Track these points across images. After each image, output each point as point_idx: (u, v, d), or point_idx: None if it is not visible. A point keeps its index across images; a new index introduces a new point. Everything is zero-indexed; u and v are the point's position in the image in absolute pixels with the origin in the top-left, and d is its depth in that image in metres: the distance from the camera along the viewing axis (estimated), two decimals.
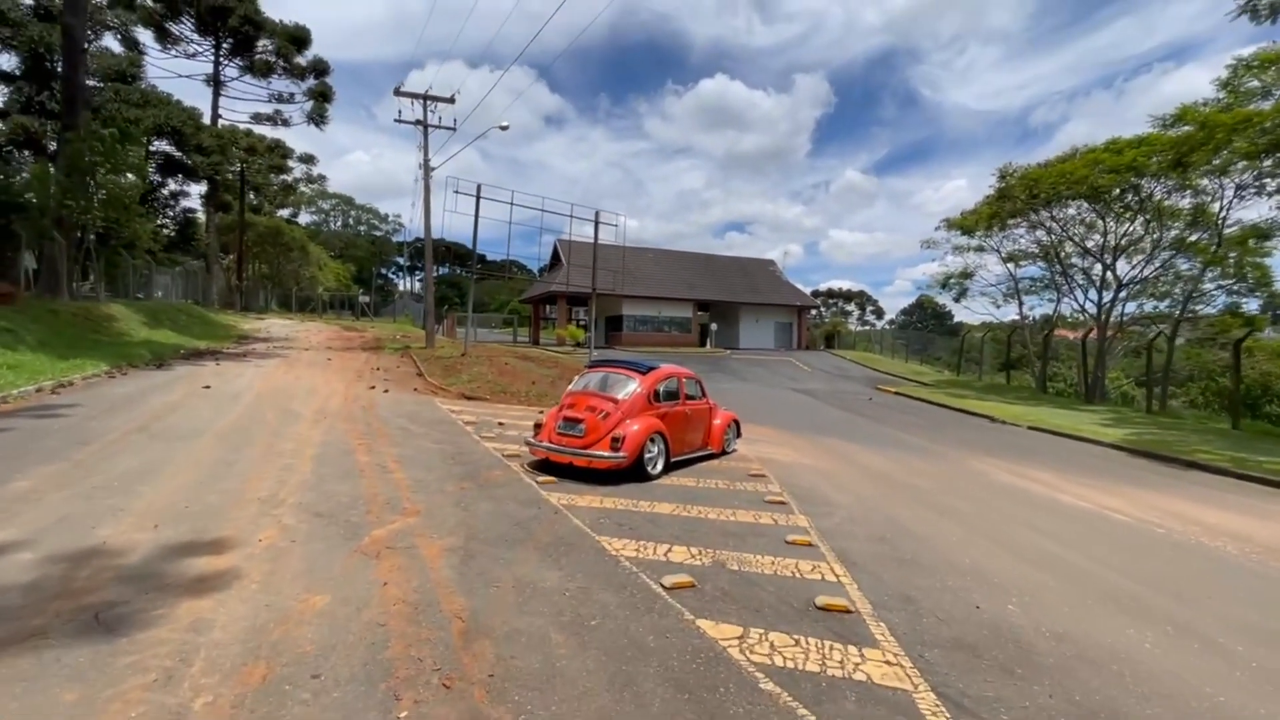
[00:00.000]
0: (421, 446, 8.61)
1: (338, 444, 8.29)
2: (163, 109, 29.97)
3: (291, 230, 54.51)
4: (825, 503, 7.11)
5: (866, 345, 46.69)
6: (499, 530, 5.34)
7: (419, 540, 4.92)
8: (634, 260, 40.89)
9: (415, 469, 7.31)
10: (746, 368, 28.12)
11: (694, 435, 8.98)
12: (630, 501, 6.59)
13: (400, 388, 15.00)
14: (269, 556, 4.39)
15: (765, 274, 45.21)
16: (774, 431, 12.95)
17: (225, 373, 14.51)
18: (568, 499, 6.51)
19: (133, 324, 19.73)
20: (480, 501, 6.18)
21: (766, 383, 23.42)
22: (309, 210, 79.85)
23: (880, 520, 6.52)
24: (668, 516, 6.14)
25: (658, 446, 7.91)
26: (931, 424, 15.57)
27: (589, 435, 7.56)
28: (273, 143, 46.09)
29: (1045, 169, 21.95)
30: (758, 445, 10.85)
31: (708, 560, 4.96)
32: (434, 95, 22.64)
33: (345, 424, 9.82)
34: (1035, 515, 7.21)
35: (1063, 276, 26.73)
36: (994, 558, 5.53)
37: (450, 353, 20.89)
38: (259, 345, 22.06)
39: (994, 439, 13.59)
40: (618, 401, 7.84)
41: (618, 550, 5.03)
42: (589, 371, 8.77)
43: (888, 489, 8.10)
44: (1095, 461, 11.43)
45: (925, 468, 9.79)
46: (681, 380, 8.79)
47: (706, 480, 7.85)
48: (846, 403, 19.04)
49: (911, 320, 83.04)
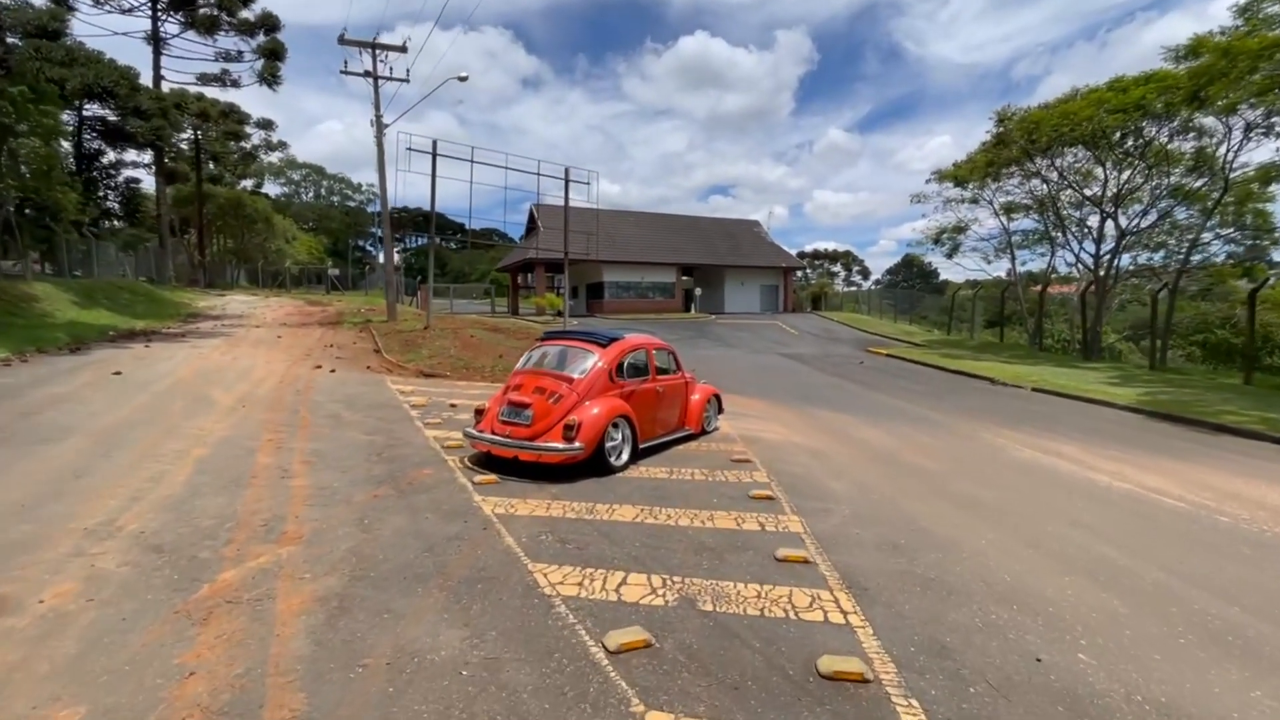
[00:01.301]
0: (347, 439, 7.29)
1: (242, 440, 6.95)
2: (92, 68, 27.38)
3: (254, 201, 51.84)
4: (822, 495, 5.92)
5: (854, 306, 45.54)
6: (402, 560, 4.07)
7: (283, 585, 3.65)
8: (615, 224, 39.14)
9: (326, 471, 6.00)
10: (732, 332, 26.87)
11: (667, 415, 7.72)
12: (585, 505, 5.34)
13: (351, 366, 13.59)
14: (39, 629, 3.09)
15: (750, 235, 43.63)
16: (761, 403, 11.75)
17: (150, 356, 13.00)
18: (506, 506, 5.25)
19: (60, 304, 17.99)
20: (392, 515, 4.90)
21: (752, 348, 22.21)
22: (278, 181, 76.48)
23: (890, 518, 5.33)
24: (629, 526, 4.90)
25: (622, 432, 6.64)
26: (929, 389, 14.46)
27: (537, 423, 6.27)
28: (226, 107, 43.27)
29: (1046, 110, 20.50)
30: (743, 421, 9.64)
31: (673, 595, 3.73)
32: (383, 44, 20.58)
33: (267, 413, 8.46)
34: (1072, 503, 6.07)
35: (1059, 229, 25.51)
36: (1039, 571, 4.36)
37: (413, 326, 19.40)
38: (205, 324, 20.41)
39: (999, 404, 12.49)
40: (573, 381, 6.53)
41: (555, 586, 3.79)
42: (540, 345, 7.42)
43: (893, 473, 6.92)
44: (1115, 427, 10.36)
45: (932, 443, 8.64)
46: (650, 352, 7.48)
47: (681, 470, 6.62)
48: (837, 367, 17.89)
49: (898, 280, 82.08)
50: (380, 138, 20.26)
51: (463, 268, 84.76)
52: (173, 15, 36.39)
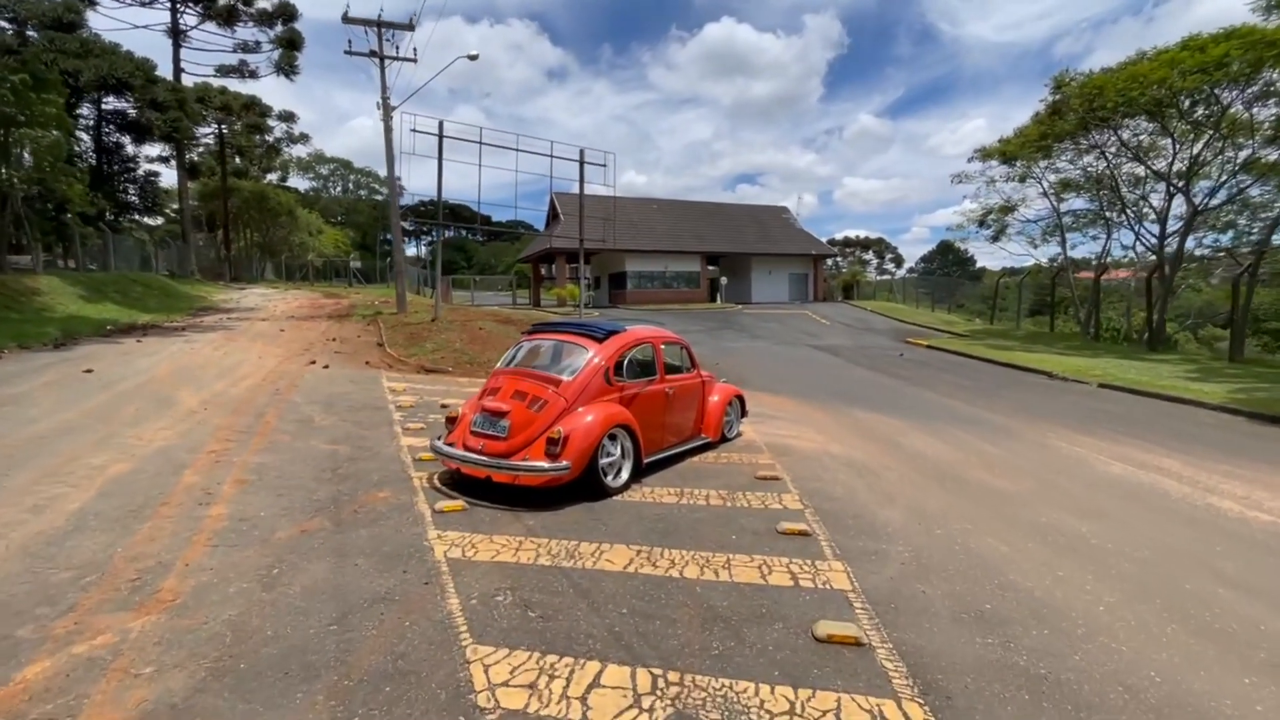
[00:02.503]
0: (305, 450, 6.25)
1: (179, 452, 5.95)
2: (106, 60, 27.09)
3: (277, 195, 51.80)
4: (871, 529, 4.65)
5: (887, 295, 43.44)
6: (296, 640, 2.95)
7: (102, 689, 2.54)
8: (638, 212, 37.85)
9: (259, 494, 4.94)
10: (759, 323, 25.43)
11: (679, 421, 6.50)
12: (566, 545, 4.18)
13: (348, 362, 12.68)
14: None
15: (778, 222, 41.86)
16: (791, 402, 10.44)
17: (135, 352, 12.24)
18: (466, 545, 4.11)
19: (64, 298, 17.51)
20: (313, 561, 3.80)
21: (782, 339, 20.78)
22: (306, 176, 76.78)
23: (965, 566, 4.04)
24: (618, 578, 3.72)
25: (621, 445, 5.45)
26: (980, 384, 12.93)
27: (515, 435, 5.11)
28: (248, 99, 43.18)
29: (1111, 75, 18.46)
30: (770, 424, 8.37)
31: (665, 711, 2.54)
32: (389, 22, 19.57)
33: (228, 417, 7.49)
34: (1205, 545, 4.67)
35: (1118, 208, 23.37)
36: (1202, 663, 3.04)
37: (422, 319, 18.48)
38: (211, 317, 19.81)
39: (1064, 403, 10.94)
40: (560, 383, 5.35)
41: (495, 690, 2.62)
42: (526, 339, 6.26)
43: (957, 496, 5.60)
44: (1216, 433, 8.77)
45: (997, 454, 7.25)
46: (658, 347, 6.25)
47: (694, 491, 5.41)
48: (875, 360, 16.40)
49: (932, 267, 79.12)
50: (387, 120, 19.30)
51: (489, 260, 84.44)
52: (191, 6, 36.15)
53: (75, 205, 19.53)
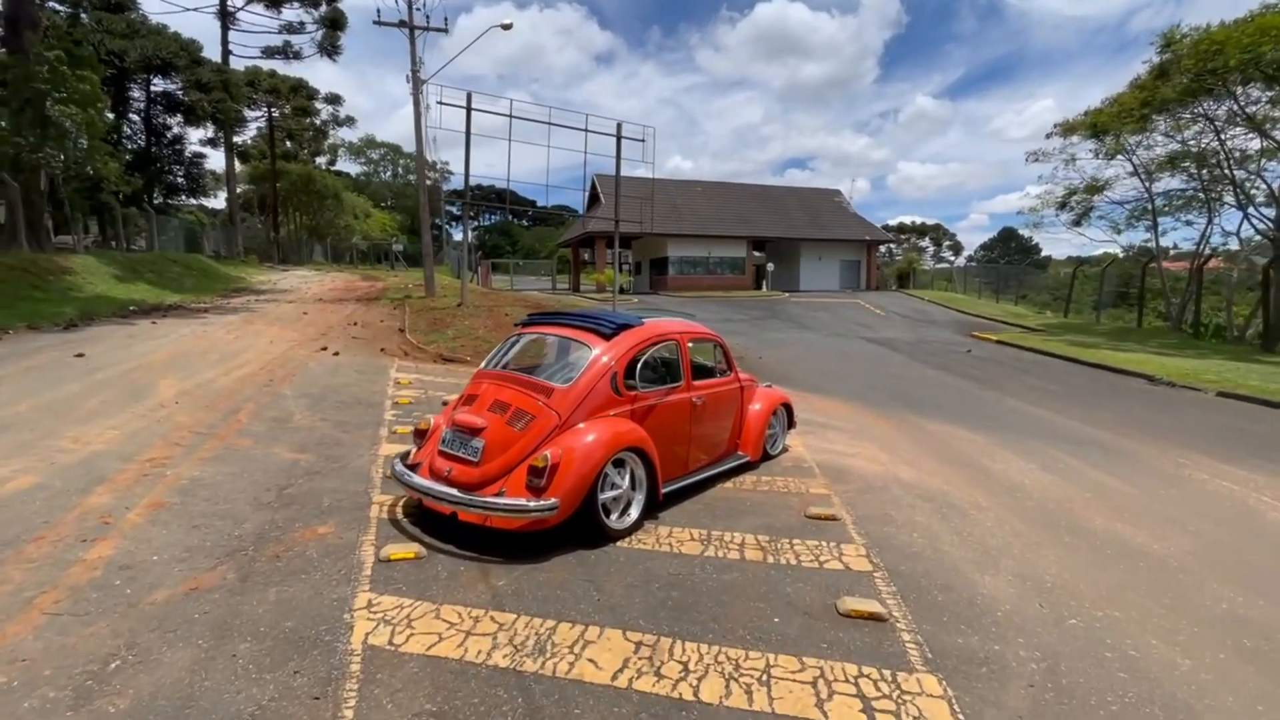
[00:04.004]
0: (261, 460, 5.24)
1: (109, 459, 5.01)
2: (152, 40, 27.16)
3: (323, 178, 52.25)
4: (973, 615, 3.27)
5: (945, 284, 40.63)
6: None
7: None
8: (681, 195, 36.26)
9: (172, 525, 3.91)
10: (808, 312, 23.69)
11: (710, 438, 5.20)
12: (538, 627, 2.97)
13: (363, 349, 11.84)
14: None
15: (830, 206, 39.53)
16: (846, 406, 8.98)
17: (143, 335, 11.66)
18: (401, 621, 2.95)
19: (96, 278, 17.34)
20: (176, 649, 2.69)
21: (833, 331, 19.09)
22: (358, 160, 77.62)
23: (1135, 703, 2.64)
24: (601, 696, 2.49)
25: (631, 474, 4.19)
26: (1068, 389, 11.12)
27: (489, 460, 3.92)
28: (295, 82, 43.47)
29: (1232, 29, 15.86)
30: (823, 436, 6.98)
31: None
32: None
33: (198, 413, 6.58)
34: None
35: (1226, 188, 20.55)
36: None
37: (448, 303, 17.63)
38: (240, 299, 19.45)
39: (1187, 418, 9.11)
40: (553, 392, 4.12)
41: None
42: (519, 334, 5.03)
43: (1088, 560, 4.13)
44: None
45: (1125, 491, 5.67)
46: (683, 344, 4.92)
47: (725, 537, 4.12)
48: (938, 357, 14.63)
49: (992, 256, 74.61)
50: (417, 94, 18.38)
51: (533, 244, 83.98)
52: None
53: (111, 184, 19.36)
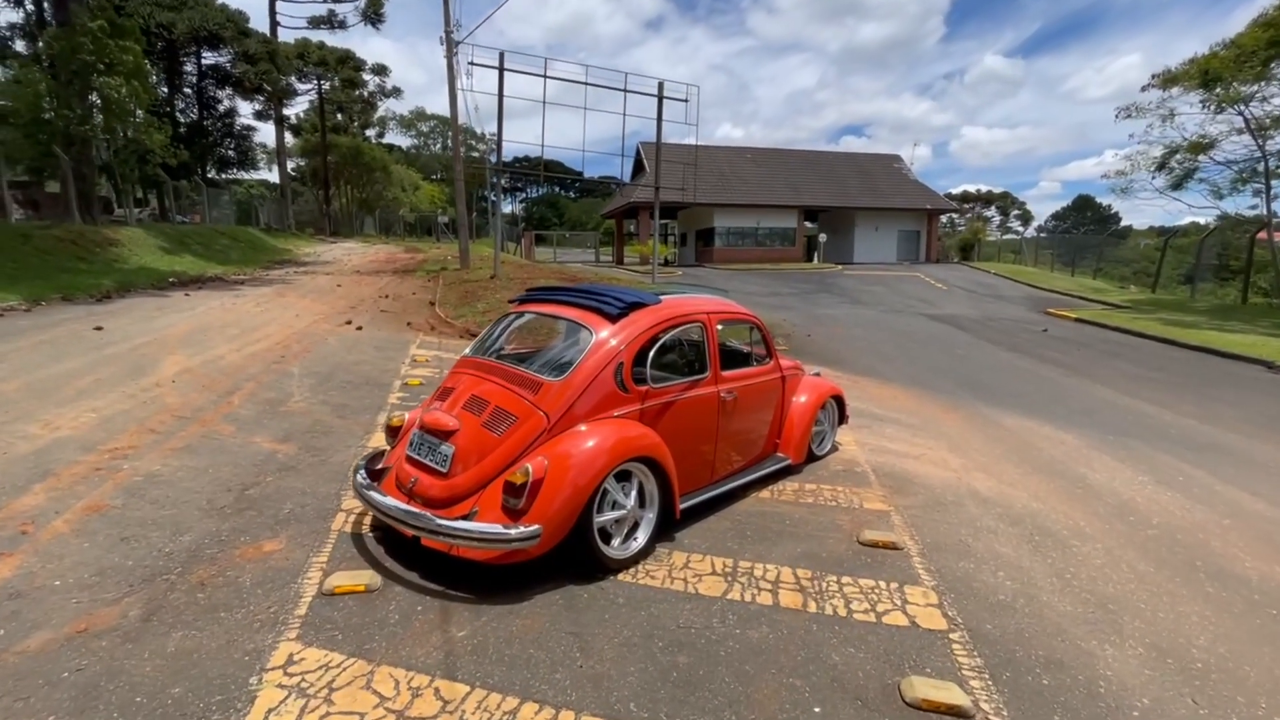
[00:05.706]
0: (236, 451, 4.68)
1: (68, 449, 4.52)
2: (199, 11, 27.26)
3: (371, 150, 52.55)
4: (1096, 717, 2.35)
5: (1013, 256, 37.75)
6: None
7: None
8: (729, 162, 34.66)
9: (98, 535, 3.34)
10: (862, 286, 22.18)
11: (743, 438, 4.31)
12: (493, 708, 2.21)
13: (389, 323, 11.40)
14: None
15: (889, 171, 37.12)
16: (905, 394, 7.91)
17: (172, 307, 11.50)
18: (318, 687, 2.25)
19: (141, 249, 17.55)
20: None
21: (890, 306, 17.67)
22: (409, 133, 78.01)
23: None
24: None
25: (639, 489, 3.38)
26: (1173, 377, 9.66)
27: (459, 471, 3.16)
28: (343, 54, 43.52)
29: None
30: (879, 430, 5.99)
31: None
32: None
33: (193, 394, 6.13)
34: None
35: None
36: None
37: (482, 276, 17.08)
38: (280, 271, 19.44)
39: None
40: (541, 386, 3.31)
41: None
42: (513, 313, 4.22)
43: (1241, 625, 3.10)
44: None
45: (1272, 514, 4.52)
46: (710, 326, 4.00)
47: (753, 568, 3.27)
48: (1011, 336, 13.17)
49: (1065, 226, 69.53)
50: (450, 57, 17.63)
51: (580, 216, 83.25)
52: None
53: (157, 155, 19.51)
